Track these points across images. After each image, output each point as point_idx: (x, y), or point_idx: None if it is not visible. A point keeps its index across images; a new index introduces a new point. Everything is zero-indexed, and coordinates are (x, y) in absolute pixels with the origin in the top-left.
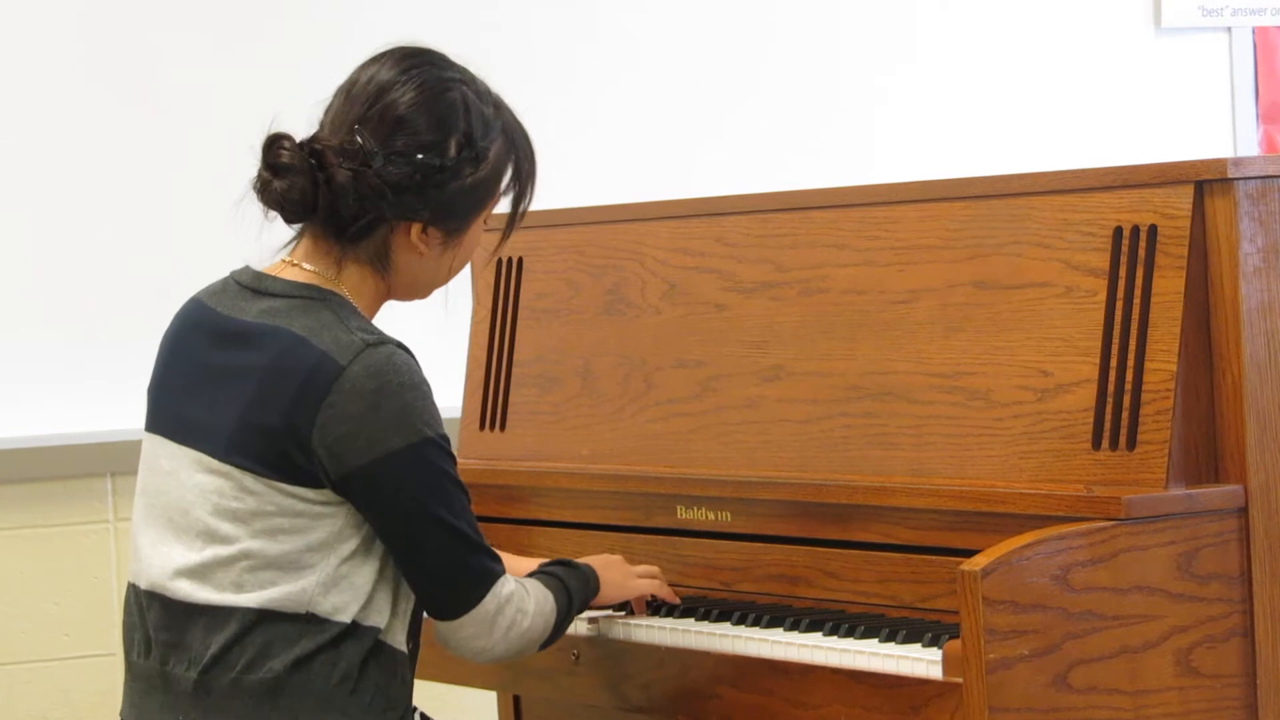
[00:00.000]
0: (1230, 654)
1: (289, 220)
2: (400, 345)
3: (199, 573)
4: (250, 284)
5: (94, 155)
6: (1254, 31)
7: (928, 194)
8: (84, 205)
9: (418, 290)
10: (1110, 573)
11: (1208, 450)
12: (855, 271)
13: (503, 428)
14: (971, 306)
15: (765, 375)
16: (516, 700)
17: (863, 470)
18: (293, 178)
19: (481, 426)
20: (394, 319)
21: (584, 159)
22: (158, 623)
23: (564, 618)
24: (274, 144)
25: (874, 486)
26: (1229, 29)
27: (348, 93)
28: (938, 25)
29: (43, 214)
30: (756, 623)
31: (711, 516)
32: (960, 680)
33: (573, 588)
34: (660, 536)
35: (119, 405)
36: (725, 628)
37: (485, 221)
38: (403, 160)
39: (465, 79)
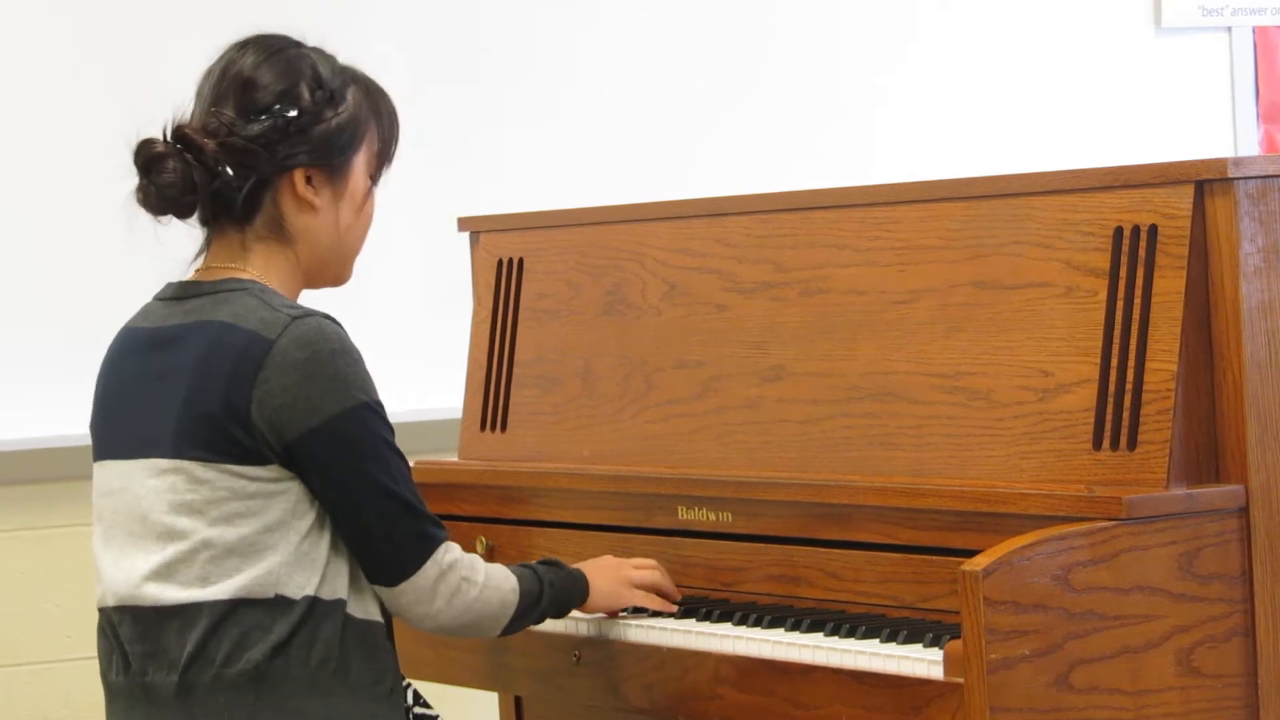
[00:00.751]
0: (1231, 654)
1: (179, 213)
2: (327, 316)
3: (163, 573)
4: (171, 295)
5: (93, 156)
6: (1254, 31)
7: (928, 194)
8: (83, 206)
9: (327, 260)
10: (1111, 573)
11: (1209, 450)
12: (856, 272)
13: (503, 428)
14: (972, 306)
15: (766, 376)
16: (518, 701)
17: (864, 470)
18: (168, 164)
19: (482, 427)
20: (396, 321)
21: (584, 159)
22: (131, 636)
23: (531, 604)
24: (143, 145)
25: (875, 487)
26: (1229, 28)
27: (199, 89)
28: (938, 25)
29: (43, 215)
30: (757, 623)
31: (712, 517)
32: (961, 680)
33: (548, 579)
34: (661, 537)
35: None
36: (726, 628)
37: (371, 178)
38: (261, 116)
39: (299, 43)
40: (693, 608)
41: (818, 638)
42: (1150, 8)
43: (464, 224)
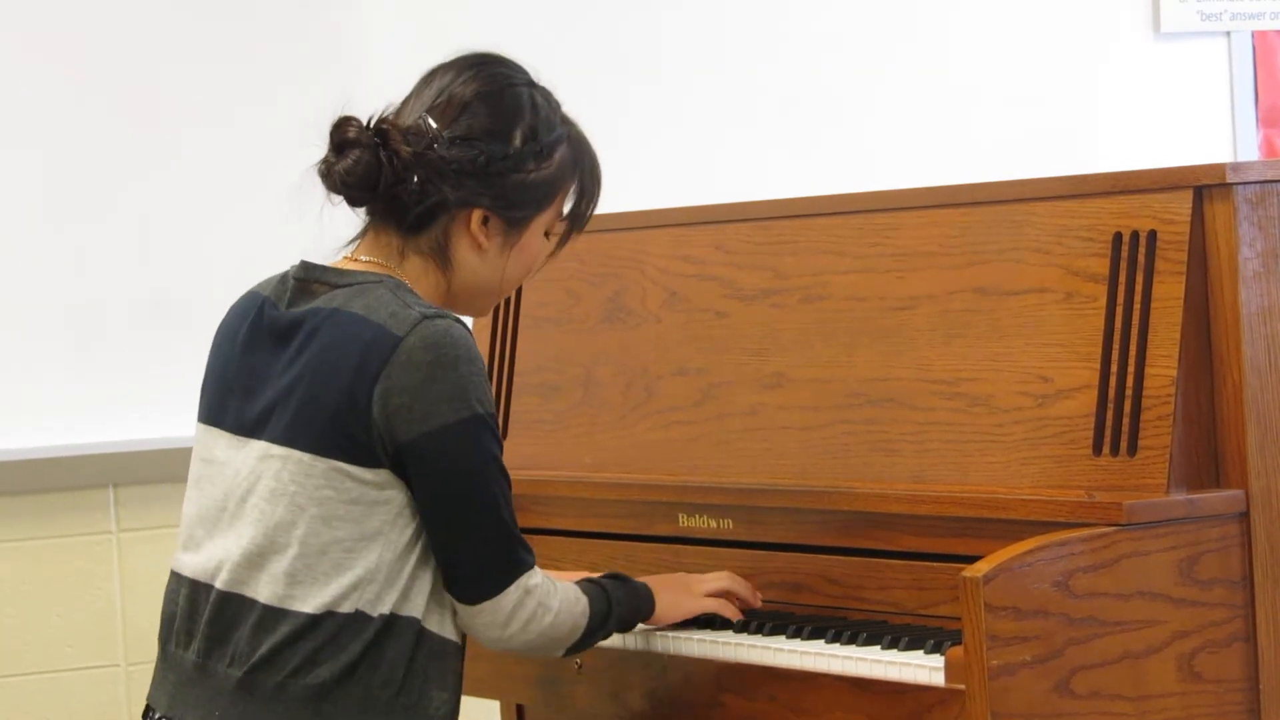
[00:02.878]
0: (1232, 659)
1: (351, 201)
2: (459, 320)
3: (253, 562)
4: (306, 277)
5: (97, 166)
6: (1253, 35)
7: (927, 200)
8: (88, 217)
9: (476, 294)
10: (1112, 578)
11: (1209, 455)
12: (855, 278)
13: (504, 437)
14: (971, 312)
15: (766, 382)
16: (520, 709)
17: (864, 477)
18: (357, 153)
19: None
20: None
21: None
22: (204, 616)
23: (599, 624)
24: (342, 123)
25: (875, 493)
26: (1228, 33)
27: (418, 89)
28: (936, 31)
29: (47, 226)
30: (759, 630)
31: (713, 524)
32: (963, 687)
33: (616, 597)
34: (662, 545)
35: (121, 417)
36: (727, 635)
37: (548, 234)
38: (467, 144)
39: (533, 84)
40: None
41: (819, 645)
42: (1149, 13)
43: None
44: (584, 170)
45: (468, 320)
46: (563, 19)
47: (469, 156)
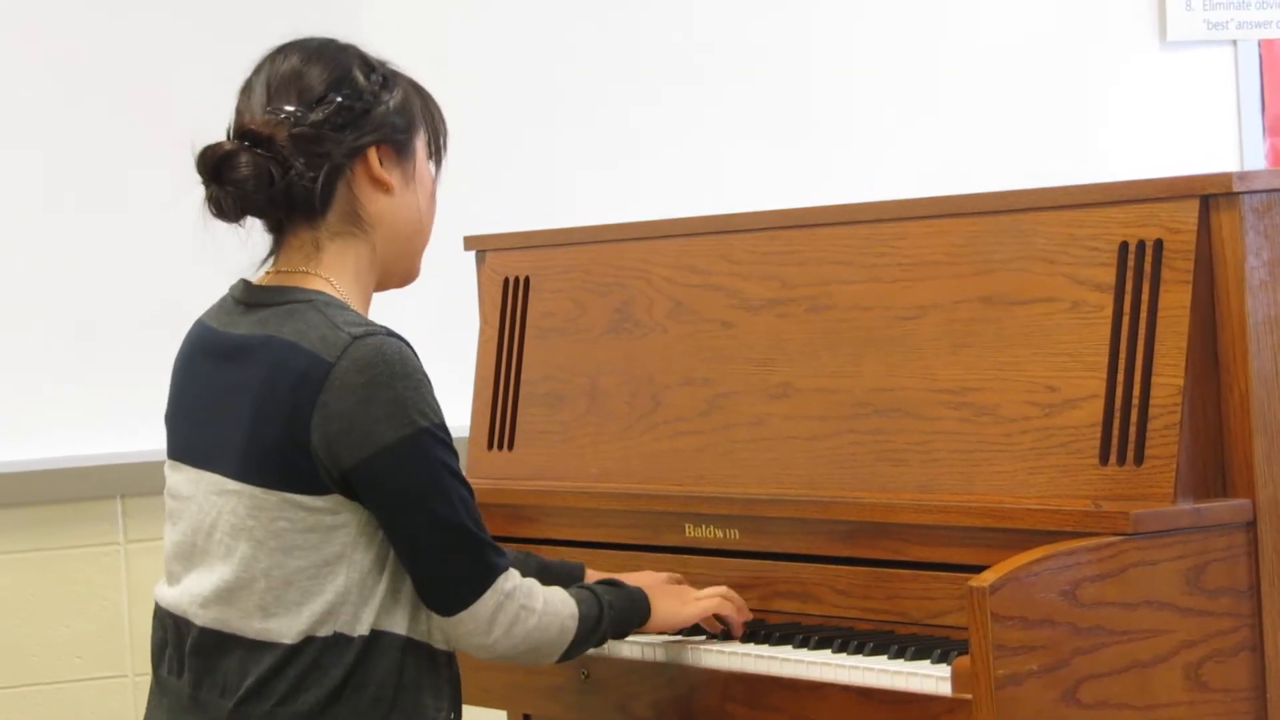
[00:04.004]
0: (1240, 668)
1: (256, 211)
2: (391, 334)
3: (224, 598)
4: (243, 298)
5: (101, 176)
6: (1259, 44)
7: (933, 210)
8: (94, 227)
9: (402, 242)
10: (1119, 588)
11: (1215, 464)
12: (861, 288)
13: (510, 447)
14: (978, 322)
15: (772, 392)
16: (526, 719)
17: (871, 487)
18: (239, 162)
19: (489, 446)
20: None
21: (589, 178)
22: (188, 648)
23: (590, 628)
24: (207, 150)
25: (882, 503)
26: (1234, 42)
27: (244, 100)
28: (943, 40)
29: (51, 235)
30: (765, 640)
31: (720, 534)
32: (969, 697)
33: (608, 600)
34: (669, 555)
35: (128, 428)
36: (734, 645)
37: (431, 160)
38: (321, 104)
39: (341, 40)
40: (699, 627)
41: (826, 654)
42: (1155, 21)
43: (470, 243)
44: (426, 96)
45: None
46: (572, 30)
47: (329, 112)
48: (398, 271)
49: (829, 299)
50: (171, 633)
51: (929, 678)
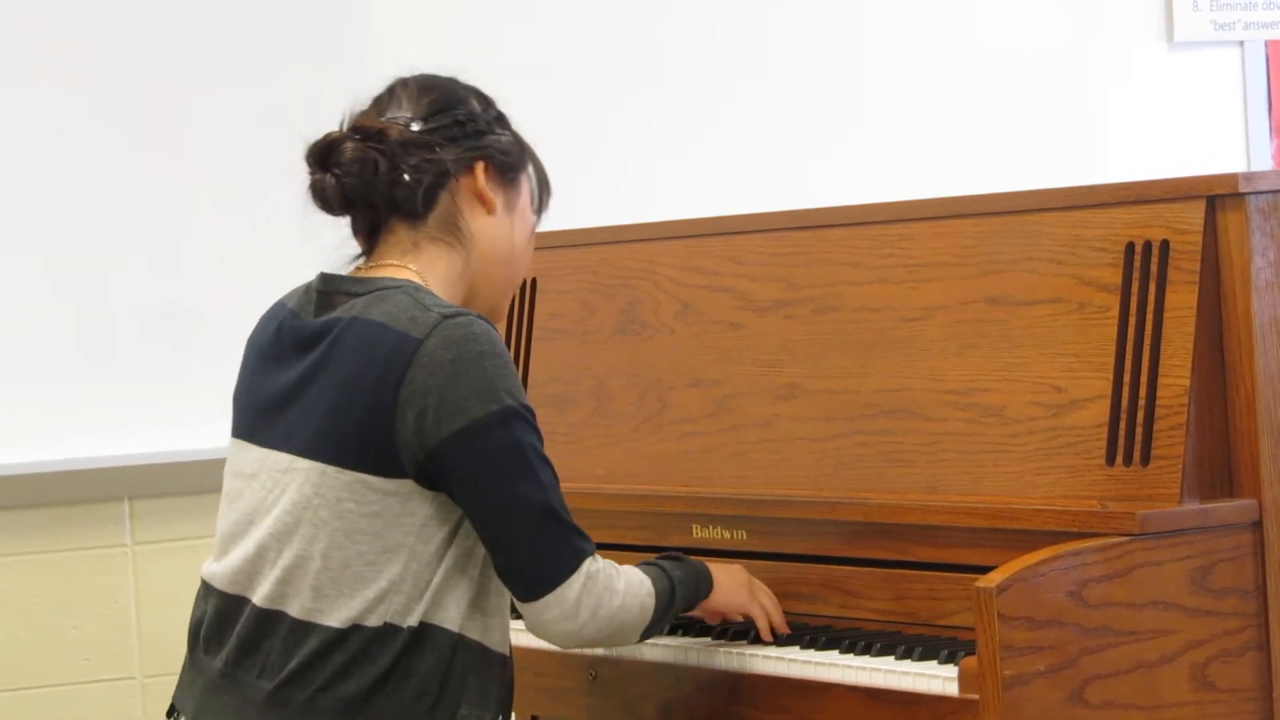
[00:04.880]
0: (1246, 668)
1: (351, 204)
2: (481, 316)
3: (279, 577)
4: (324, 287)
5: (108, 178)
6: (1266, 45)
7: (940, 211)
8: (101, 229)
9: (493, 273)
10: (1125, 588)
11: (1222, 465)
12: (868, 289)
13: None
14: (985, 323)
15: (780, 394)
16: None
17: (878, 488)
18: (347, 150)
19: None
20: None
21: (596, 179)
22: (237, 628)
23: (666, 604)
24: (321, 140)
25: (889, 504)
26: (1241, 42)
27: (366, 114)
28: (949, 43)
29: (59, 237)
30: (772, 641)
31: (727, 535)
32: (977, 697)
33: (676, 577)
34: None
35: (137, 430)
36: (741, 646)
37: (533, 202)
38: (440, 115)
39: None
40: (707, 626)
41: (833, 655)
42: (1162, 22)
43: None
44: (535, 154)
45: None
46: (582, 35)
47: (442, 124)
48: (484, 295)
49: (836, 300)
50: (214, 613)
51: (936, 678)
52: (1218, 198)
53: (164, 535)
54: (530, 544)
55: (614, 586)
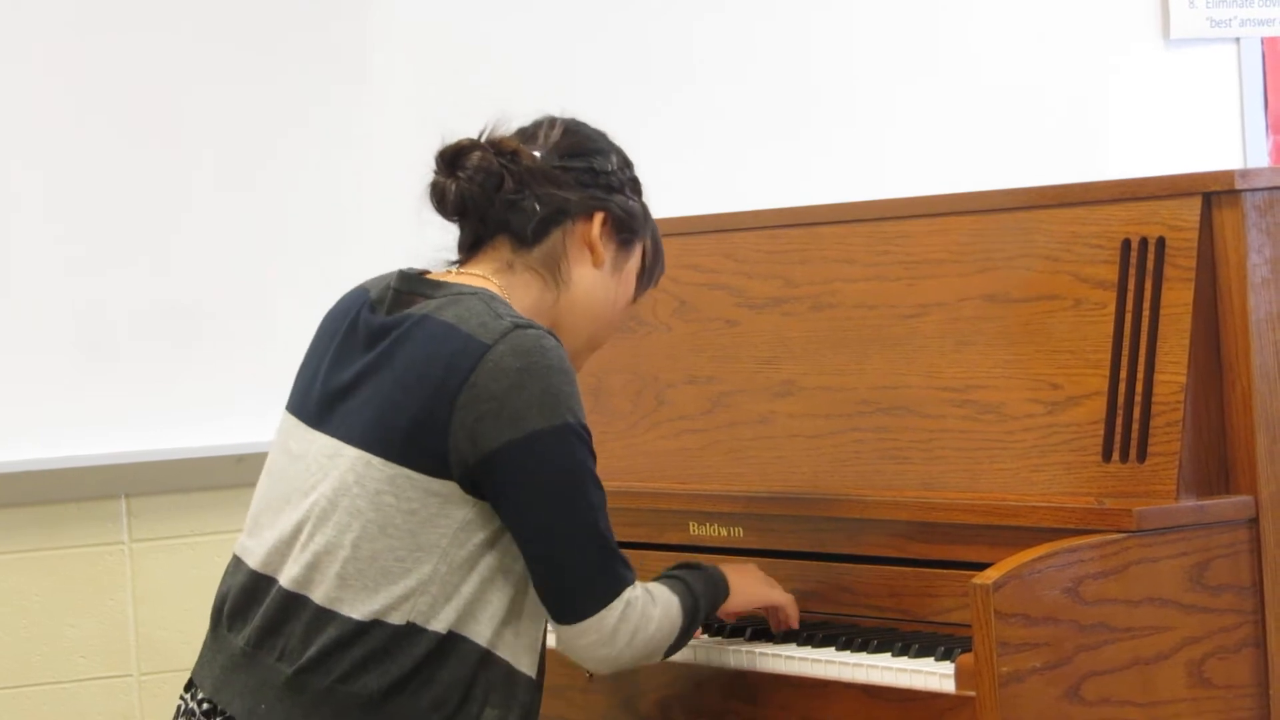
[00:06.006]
0: (1242, 665)
1: (475, 210)
2: (551, 333)
3: (308, 560)
4: (404, 288)
5: (107, 177)
6: (1263, 42)
7: (936, 208)
8: (100, 228)
9: (581, 318)
10: (1122, 585)
11: (1218, 461)
12: (865, 286)
13: None
14: (981, 320)
15: (776, 391)
16: None
17: (874, 484)
18: (474, 159)
19: None
20: None
21: None
22: (261, 607)
23: (691, 620)
24: (455, 145)
25: (886, 501)
26: (1238, 39)
27: (507, 135)
28: (944, 38)
29: (58, 236)
30: (770, 638)
31: (724, 533)
32: (973, 694)
33: (699, 591)
34: (673, 553)
35: (134, 427)
36: (739, 643)
37: (641, 275)
38: (576, 157)
39: None
40: (706, 623)
41: (830, 652)
42: (1158, 19)
43: None
44: (655, 229)
45: None
46: (579, 35)
47: (581, 167)
48: (566, 337)
49: (833, 297)
50: (240, 589)
51: (933, 675)
52: (1214, 195)
53: (161, 533)
54: (574, 568)
55: (650, 613)
